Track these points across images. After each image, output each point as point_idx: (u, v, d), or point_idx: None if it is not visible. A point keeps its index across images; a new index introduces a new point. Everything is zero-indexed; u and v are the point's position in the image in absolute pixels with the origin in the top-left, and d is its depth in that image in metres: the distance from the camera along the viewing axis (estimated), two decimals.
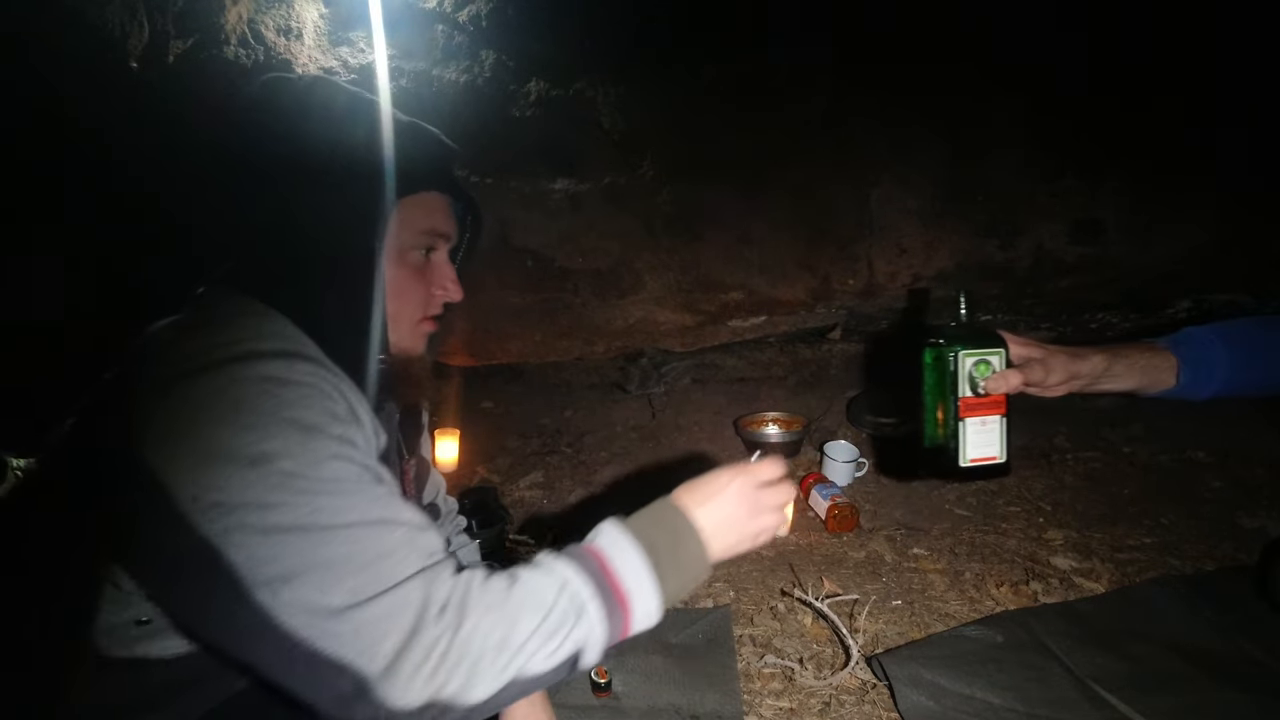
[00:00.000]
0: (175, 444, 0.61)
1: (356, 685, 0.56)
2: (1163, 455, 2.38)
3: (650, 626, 0.72)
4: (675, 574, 0.71)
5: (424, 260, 0.86)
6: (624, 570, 0.69)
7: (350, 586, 0.58)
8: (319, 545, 0.58)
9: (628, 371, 2.91)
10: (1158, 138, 2.08)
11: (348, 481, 0.62)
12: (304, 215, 0.76)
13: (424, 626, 0.58)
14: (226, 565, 0.57)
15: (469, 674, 0.59)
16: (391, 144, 0.79)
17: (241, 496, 0.58)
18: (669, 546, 0.71)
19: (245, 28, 1.87)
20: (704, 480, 0.77)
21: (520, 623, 0.62)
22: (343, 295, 0.77)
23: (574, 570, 0.67)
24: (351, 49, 1.94)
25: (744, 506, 0.76)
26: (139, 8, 1.79)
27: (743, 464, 0.79)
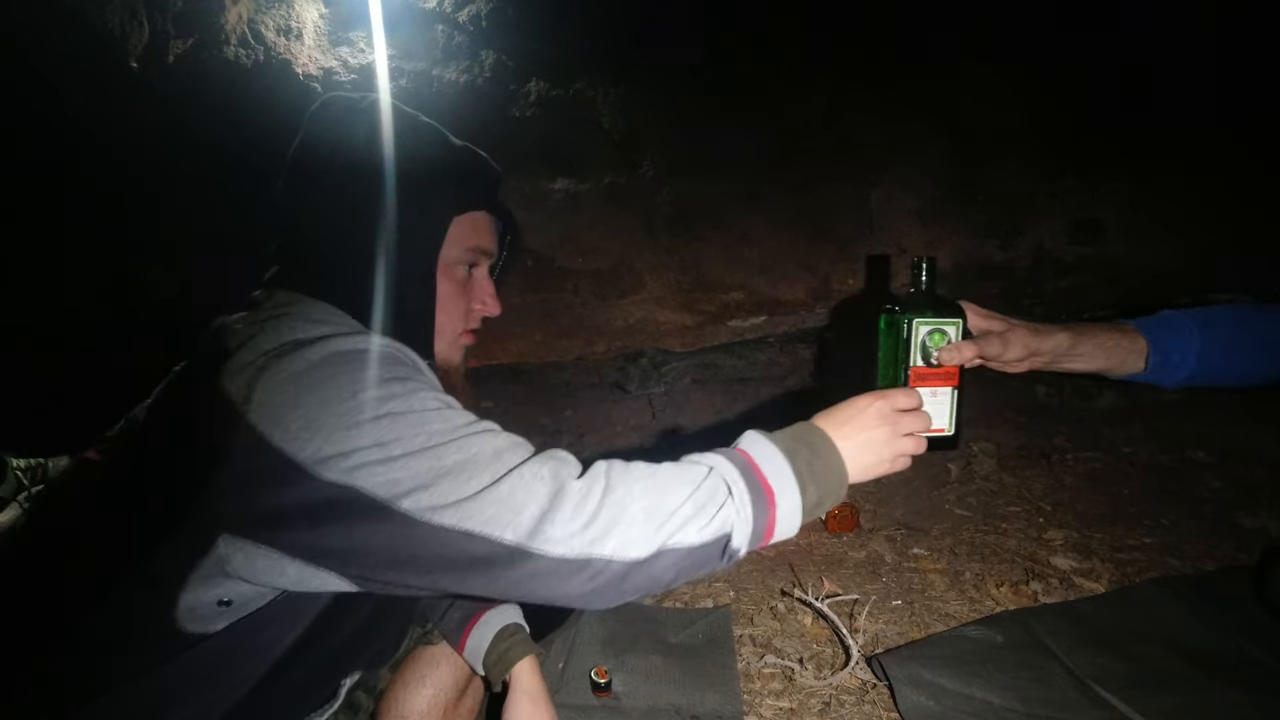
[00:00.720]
0: (284, 412, 0.63)
1: (510, 550, 0.60)
2: (1163, 455, 2.38)
3: (790, 535, 0.73)
4: (815, 484, 0.72)
5: (467, 275, 0.90)
6: (769, 467, 0.70)
7: (481, 476, 0.62)
8: (441, 455, 0.63)
9: (628, 371, 2.91)
10: (1157, 138, 2.09)
11: (448, 408, 0.68)
12: (364, 226, 0.80)
13: (565, 489, 0.63)
14: (364, 496, 0.60)
15: (625, 531, 0.62)
16: (447, 164, 0.85)
17: (359, 442, 0.61)
18: (808, 458, 0.72)
19: (245, 28, 1.87)
20: (842, 405, 0.78)
21: (669, 492, 0.65)
22: (402, 303, 0.81)
23: (720, 458, 0.70)
24: (351, 49, 1.94)
25: (882, 430, 0.76)
26: (139, 8, 1.79)
27: (881, 390, 0.79)
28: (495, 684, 1.06)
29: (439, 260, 0.84)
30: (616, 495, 0.64)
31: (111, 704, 0.70)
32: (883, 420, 0.77)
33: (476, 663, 1.06)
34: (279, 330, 0.71)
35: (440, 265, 0.85)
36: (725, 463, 0.70)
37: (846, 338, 2.91)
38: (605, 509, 0.63)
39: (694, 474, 0.68)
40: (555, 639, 1.56)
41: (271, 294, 0.81)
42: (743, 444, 0.74)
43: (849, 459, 0.75)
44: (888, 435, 0.77)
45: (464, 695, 1.10)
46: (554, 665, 1.49)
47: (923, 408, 0.81)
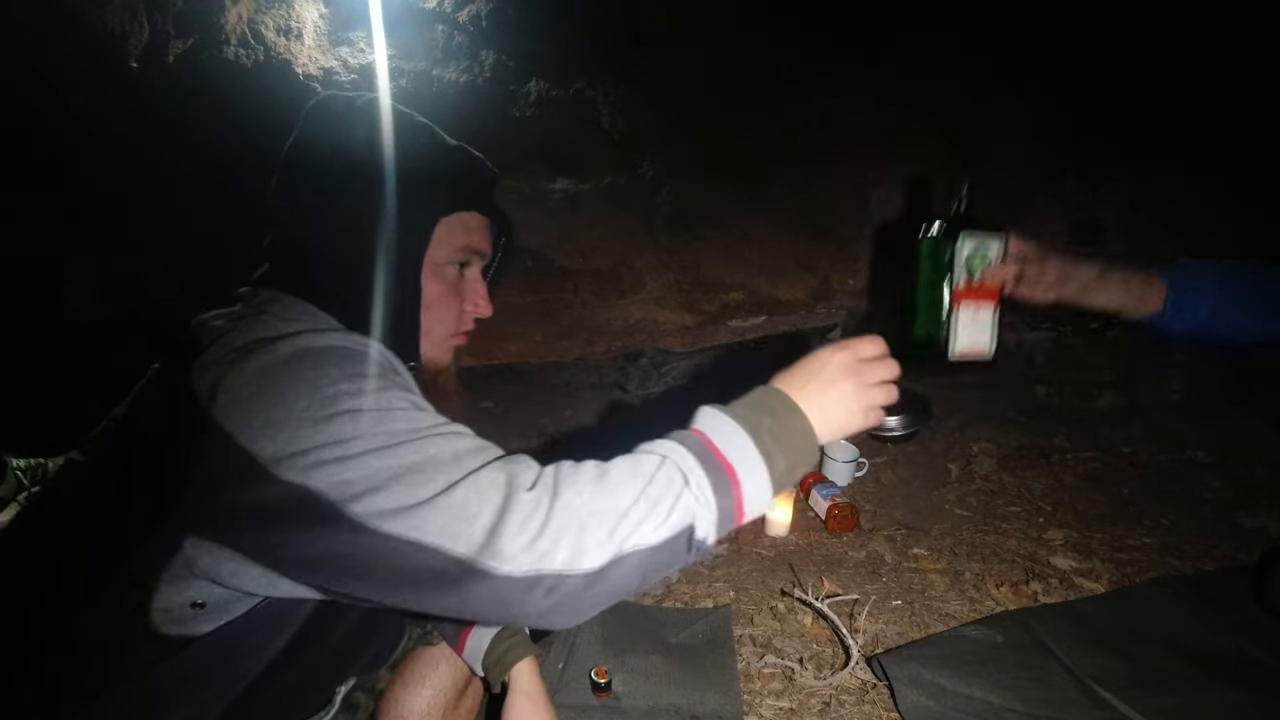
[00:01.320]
0: (248, 408, 0.62)
1: (458, 564, 0.57)
2: (1163, 455, 2.38)
3: (765, 509, 0.68)
4: (782, 452, 0.67)
5: (459, 276, 0.88)
6: (727, 445, 0.66)
7: (436, 479, 0.59)
8: (399, 455, 0.60)
9: (628, 371, 2.91)
10: (1158, 137, 2.09)
11: (414, 409, 0.65)
12: (354, 225, 0.79)
13: (515, 499, 0.59)
14: (314, 498, 0.58)
15: (575, 541, 0.58)
16: (437, 163, 0.83)
17: (318, 439, 0.60)
18: (770, 426, 0.68)
19: (245, 28, 1.87)
20: (802, 361, 0.74)
21: (620, 492, 0.61)
22: (383, 304, 0.80)
23: (673, 445, 0.66)
24: (351, 49, 1.94)
25: (848, 382, 0.72)
26: (139, 8, 1.79)
27: (843, 341, 0.75)
28: (494, 685, 1.06)
29: (427, 261, 0.83)
30: (564, 501, 0.60)
31: (106, 704, 0.70)
32: (847, 372, 0.73)
33: (476, 663, 1.06)
34: (252, 327, 0.71)
35: (429, 266, 0.83)
36: (679, 448, 0.65)
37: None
38: (553, 519, 0.59)
39: (645, 466, 0.63)
40: (555, 639, 1.56)
41: (255, 292, 0.81)
42: (698, 422, 0.69)
43: (816, 418, 0.70)
44: (855, 387, 0.73)
45: (463, 696, 1.10)
46: (554, 665, 1.49)
47: (886, 356, 0.76)
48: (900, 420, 2.50)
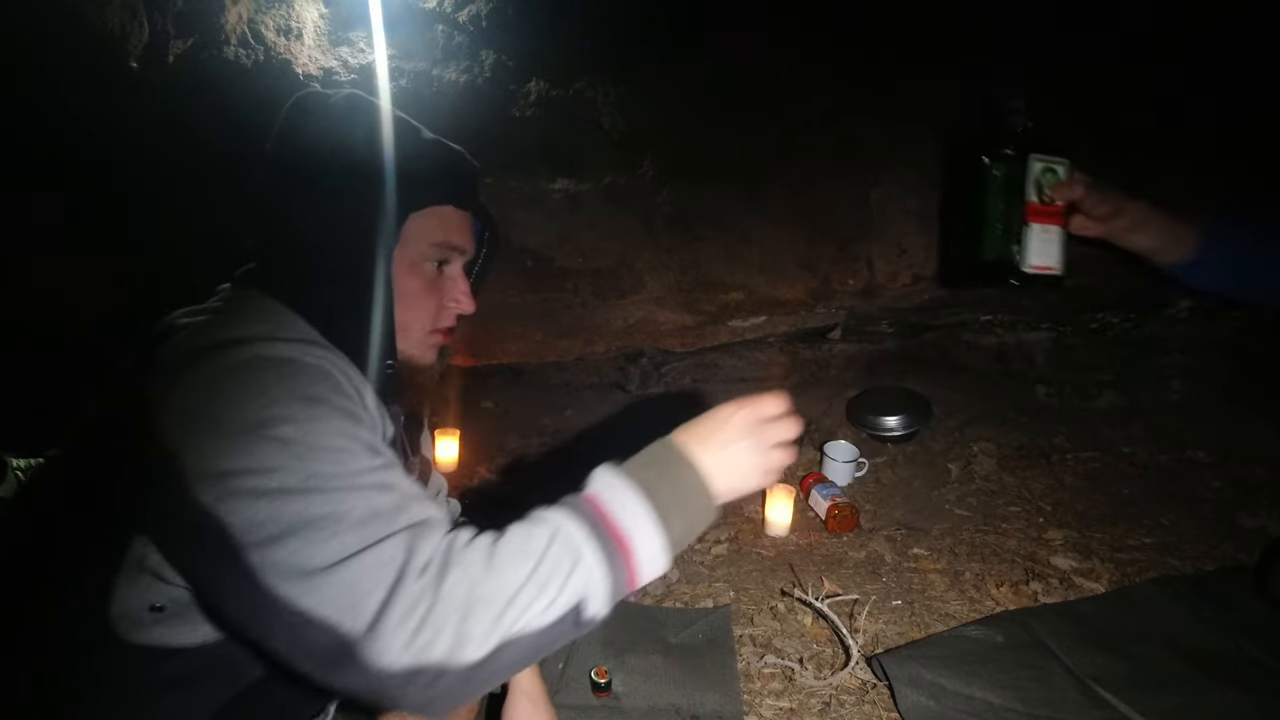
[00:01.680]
0: (187, 416, 0.62)
1: (340, 645, 0.55)
2: (1163, 455, 2.38)
3: (660, 573, 0.67)
4: (679, 514, 0.67)
5: (437, 272, 0.87)
6: (620, 512, 0.65)
7: (337, 545, 0.57)
8: (310, 503, 0.58)
9: (628, 371, 2.91)
10: (1157, 136, 2.08)
11: (346, 451, 0.62)
12: (318, 221, 0.78)
13: (404, 584, 0.56)
14: (221, 529, 0.57)
15: (456, 633, 0.56)
16: (409, 157, 0.81)
17: (242, 463, 0.59)
18: (668, 487, 0.67)
19: (245, 28, 1.86)
20: (704, 417, 0.73)
21: (508, 574, 0.59)
22: (353, 300, 0.79)
23: (565, 516, 0.64)
24: (351, 49, 1.94)
25: (748, 441, 0.72)
26: (139, 8, 1.79)
27: (745, 399, 0.74)
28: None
29: (401, 256, 0.82)
30: (449, 585, 0.57)
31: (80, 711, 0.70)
32: (748, 432, 0.72)
33: None
34: (214, 328, 0.71)
35: (404, 261, 0.82)
36: (571, 521, 0.63)
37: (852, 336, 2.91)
38: (437, 607, 0.56)
39: (536, 543, 0.61)
40: None
41: (232, 291, 0.81)
42: (592, 487, 0.67)
43: (714, 478, 0.69)
44: (754, 447, 0.72)
45: None
46: (554, 665, 1.49)
47: (790, 414, 0.76)
48: (900, 420, 2.50)
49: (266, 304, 0.77)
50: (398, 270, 0.82)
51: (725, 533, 2.02)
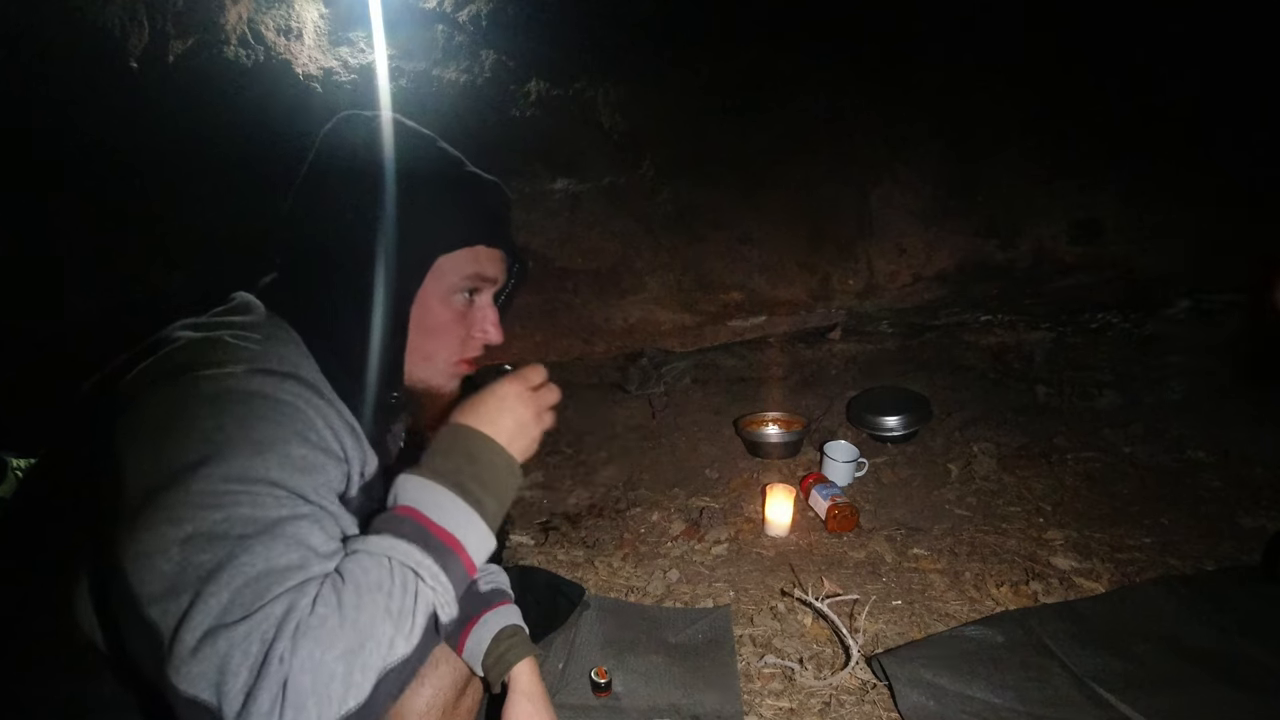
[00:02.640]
0: (142, 439, 0.62)
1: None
2: (1163, 455, 2.38)
3: (490, 550, 0.71)
4: (489, 494, 0.71)
5: (468, 302, 0.87)
6: (439, 514, 0.67)
7: (220, 604, 0.56)
8: (213, 551, 0.57)
9: (628, 371, 2.91)
10: (1157, 138, 2.08)
11: (275, 491, 0.61)
12: (343, 250, 0.78)
13: (269, 664, 0.55)
14: (124, 576, 0.57)
15: (324, 698, 0.55)
16: (446, 198, 0.82)
17: (164, 505, 0.58)
18: (472, 472, 0.71)
19: (245, 28, 1.87)
20: (482, 396, 0.77)
21: (362, 617, 0.59)
22: (363, 334, 0.78)
23: (393, 539, 0.64)
24: (351, 49, 1.94)
25: (527, 409, 0.77)
26: (139, 8, 1.79)
27: (508, 375, 0.80)
28: (494, 685, 1.06)
29: (433, 290, 0.81)
30: (304, 656, 0.55)
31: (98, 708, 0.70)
32: (524, 401, 0.77)
33: (475, 664, 1.06)
34: (199, 347, 0.70)
35: (435, 294, 0.82)
36: (399, 544, 0.64)
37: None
38: (297, 682, 0.54)
39: (376, 576, 0.61)
40: (555, 639, 1.56)
41: (244, 302, 0.80)
42: (402, 496, 0.68)
43: (510, 448, 0.74)
44: (534, 414, 0.78)
45: (463, 695, 1.10)
46: (554, 665, 1.49)
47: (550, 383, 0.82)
48: (900, 420, 2.50)
49: (270, 324, 0.76)
50: (427, 302, 0.82)
51: (725, 533, 2.02)
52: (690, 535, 2.04)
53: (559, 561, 1.93)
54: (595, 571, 1.88)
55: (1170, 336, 2.73)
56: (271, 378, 0.67)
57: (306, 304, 0.79)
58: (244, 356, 0.69)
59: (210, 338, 0.72)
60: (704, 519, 2.10)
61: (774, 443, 2.46)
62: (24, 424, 1.69)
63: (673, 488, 2.33)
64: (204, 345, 0.70)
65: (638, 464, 2.49)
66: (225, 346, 0.70)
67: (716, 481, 2.36)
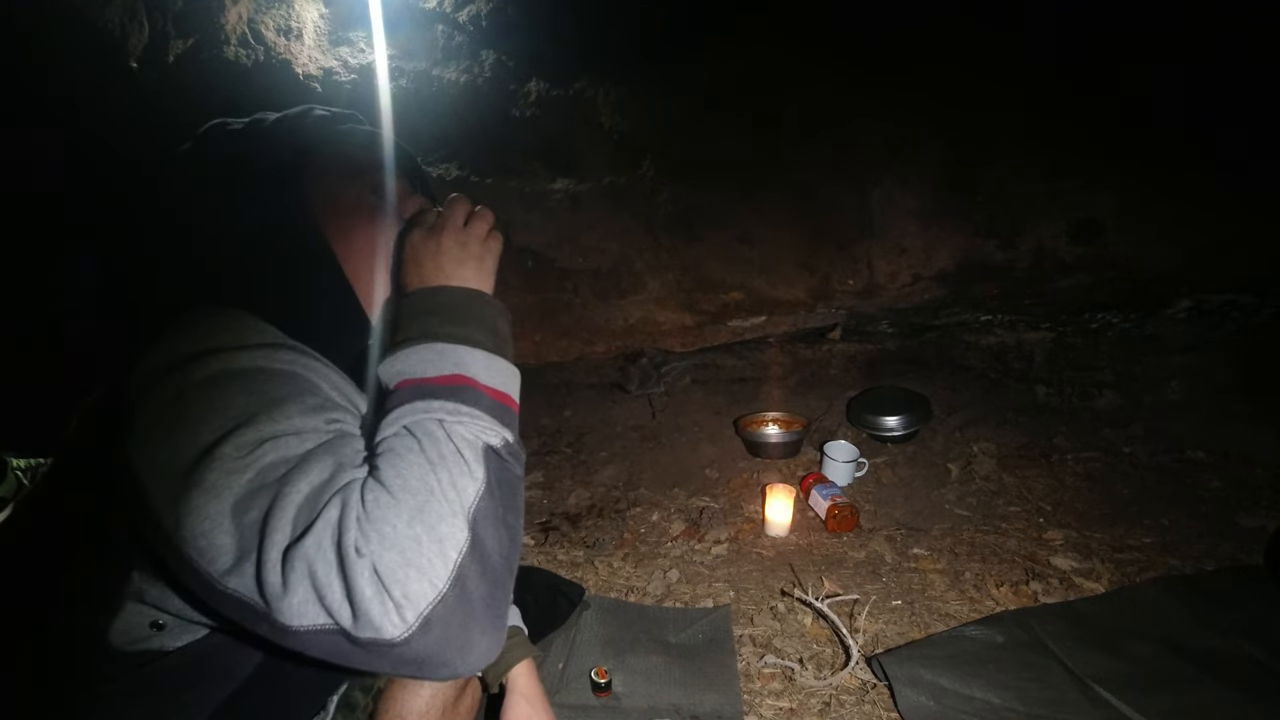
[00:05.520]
0: (154, 440, 0.62)
1: (350, 638, 0.54)
2: (1163, 455, 2.38)
3: (515, 378, 0.70)
4: (473, 326, 0.69)
5: (380, 202, 0.85)
6: (427, 367, 0.65)
7: (281, 531, 0.55)
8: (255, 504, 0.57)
9: (628, 371, 2.91)
10: (1157, 138, 2.08)
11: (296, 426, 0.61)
12: (237, 216, 0.78)
13: (347, 555, 0.54)
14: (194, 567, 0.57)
15: (418, 561, 0.54)
16: (278, 135, 0.82)
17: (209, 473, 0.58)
18: (437, 320, 0.68)
19: (245, 28, 1.87)
20: (405, 263, 0.75)
21: (411, 483, 0.57)
22: (305, 286, 0.78)
23: (397, 410, 0.63)
24: (351, 49, 1.94)
25: (444, 238, 0.74)
26: (139, 8, 1.79)
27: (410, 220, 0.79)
28: (493, 686, 1.06)
29: (333, 209, 0.80)
30: (374, 536, 0.54)
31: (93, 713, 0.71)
32: (434, 235, 0.74)
33: None
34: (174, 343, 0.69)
35: (338, 216, 0.80)
36: (405, 409, 0.62)
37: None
38: (382, 557, 0.54)
39: (404, 444, 0.60)
40: (555, 639, 1.56)
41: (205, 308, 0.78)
42: (391, 376, 0.66)
43: (467, 281, 0.72)
44: (458, 240, 0.74)
45: (462, 696, 1.10)
46: (554, 665, 1.49)
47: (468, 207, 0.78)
48: (900, 420, 2.50)
49: (233, 314, 0.75)
50: (344, 228, 0.80)
51: (725, 533, 2.02)
52: (690, 535, 2.04)
53: (559, 561, 1.93)
54: (595, 571, 1.88)
55: (1170, 336, 2.73)
56: (263, 350, 0.67)
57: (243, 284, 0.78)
58: (224, 340, 0.68)
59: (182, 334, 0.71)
60: (704, 519, 2.10)
61: (774, 443, 2.46)
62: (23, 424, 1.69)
63: (673, 488, 2.33)
64: (189, 337, 0.70)
65: (638, 464, 2.49)
66: (209, 334, 0.70)
67: (716, 481, 2.36)
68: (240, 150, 0.81)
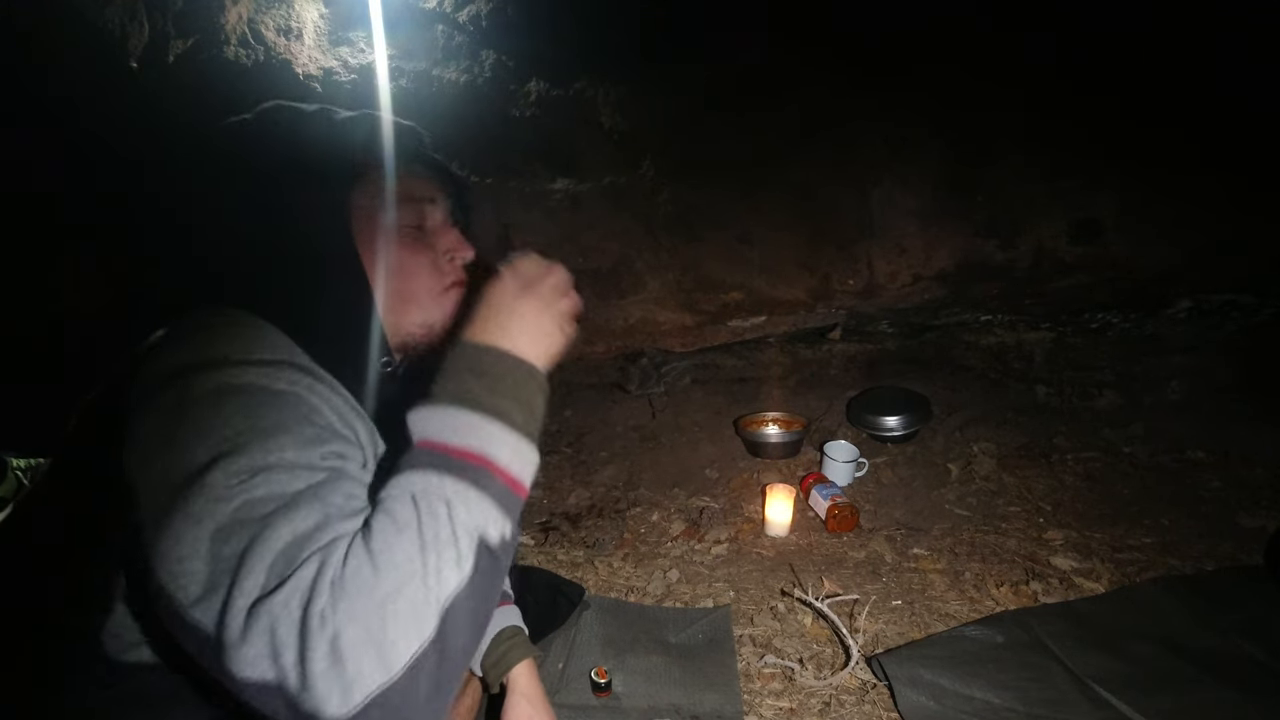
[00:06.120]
0: (148, 451, 0.61)
1: (290, 704, 0.52)
2: (1163, 455, 2.38)
3: (534, 463, 0.67)
4: (510, 401, 0.65)
5: (420, 232, 0.84)
6: (455, 436, 0.62)
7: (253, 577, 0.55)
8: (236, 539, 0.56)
9: (628, 371, 2.91)
10: (1157, 138, 2.08)
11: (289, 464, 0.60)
12: (272, 219, 0.77)
13: (311, 619, 0.53)
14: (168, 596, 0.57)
15: (379, 647, 0.53)
16: (334, 141, 0.80)
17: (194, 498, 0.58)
18: (482, 384, 0.65)
19: (245, 28, 1.87)
20: (479, 307, 0.72)
21: (399, 558, 0.56)
22: (331, 297, 0.77)
23: (410, 474, 0.61)
24: (351, 49, 1.94)
25: (525, 303, 0.71)
26: (139, 8, 1.79)
27: (499, 273, 0.74)
28: (493, 685, 1.06)
29: (372, 231, 0.79)
30: (344, 607, 0.53)
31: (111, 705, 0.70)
32: (522, 294, 0.71)
33: (475, 664, 1.06)
34: (180, 350, 0.69)
35: (379, 235, 0.79)
36: (418, 475, 0.60)
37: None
38: (346, 636, 0.52)
39: (404, 516, 0.58)
40: (555, 639, 1.56)
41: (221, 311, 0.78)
42: (415, 430, 0.64)
43: (521, 349, 0.68)
44: (537, 305, 0.71)
45: (462, 695, 1.10)
46: (554, 665, 1.49)
47: (555, 266, 0.76)
48: (900, 420, 2.50)
49: (245, 320, 0.74)
50: (378, 247, 0.78)
51: (725, 533, 2.02)
52: (690, 535, 2.04)
53: (559, 561, 1.93)
54: (595, 571, 1.88)
55: (1170, 336, 2.74)
56: (267, 368, 0.66)
57: (264, 291, 0.77)
58: (237, 350, 0.68)
59: (193, 341, 0.71)
60: (704, 519, 2.10)
61: (774, 443, 2.46)
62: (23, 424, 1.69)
63: (673, 488, 2.33)
64: (189, 350, 0.69)
65: (638, 464, 2.49)
66: (211, 347, 0.69)
67: (716, 481, 2.36)
68: (300, 138, 0.79)
